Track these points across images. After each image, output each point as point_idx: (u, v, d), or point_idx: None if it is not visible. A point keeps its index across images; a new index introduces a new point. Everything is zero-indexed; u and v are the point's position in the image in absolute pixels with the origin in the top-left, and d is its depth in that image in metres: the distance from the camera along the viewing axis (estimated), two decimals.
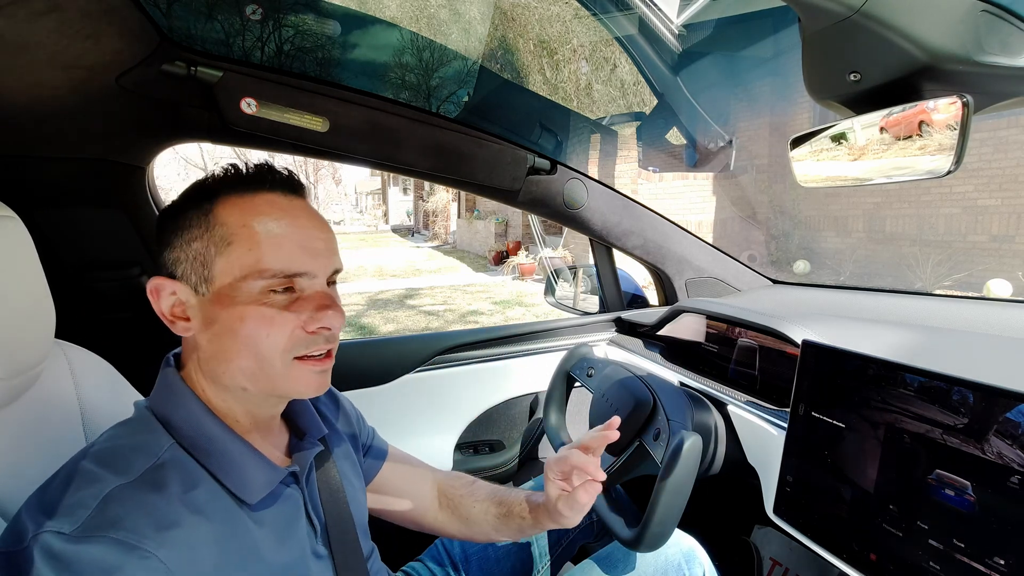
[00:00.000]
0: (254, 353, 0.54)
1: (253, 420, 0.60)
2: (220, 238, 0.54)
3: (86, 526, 0.44)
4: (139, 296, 1.18)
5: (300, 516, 0.60)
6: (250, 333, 0.54)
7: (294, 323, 0.55)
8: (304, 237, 0.56)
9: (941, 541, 0.59)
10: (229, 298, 0.54)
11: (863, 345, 0.76)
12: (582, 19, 2.74)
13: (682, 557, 0.84)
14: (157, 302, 0.56)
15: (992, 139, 5.61)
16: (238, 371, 0.55)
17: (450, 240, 16.07)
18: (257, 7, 1.13)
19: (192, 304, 0.56)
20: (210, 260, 0.54)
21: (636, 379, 0.95)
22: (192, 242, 0.55)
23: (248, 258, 0.54)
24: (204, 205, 0.56)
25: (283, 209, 0.56)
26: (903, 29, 0.59)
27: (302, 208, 0.58)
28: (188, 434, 0.54)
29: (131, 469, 0.49)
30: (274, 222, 0.55)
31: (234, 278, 0.54)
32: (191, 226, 0.56)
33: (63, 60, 0.81)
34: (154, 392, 0.58)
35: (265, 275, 0.54)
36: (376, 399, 1.29)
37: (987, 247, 5.74)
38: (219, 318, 0.54)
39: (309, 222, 0.58)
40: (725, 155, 2.66)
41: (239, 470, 0.55)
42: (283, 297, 0.55)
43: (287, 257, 0.54)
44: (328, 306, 0.56)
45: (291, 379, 0.56)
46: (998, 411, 0.56)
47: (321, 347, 0.57)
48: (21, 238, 0.63)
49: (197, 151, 19.44)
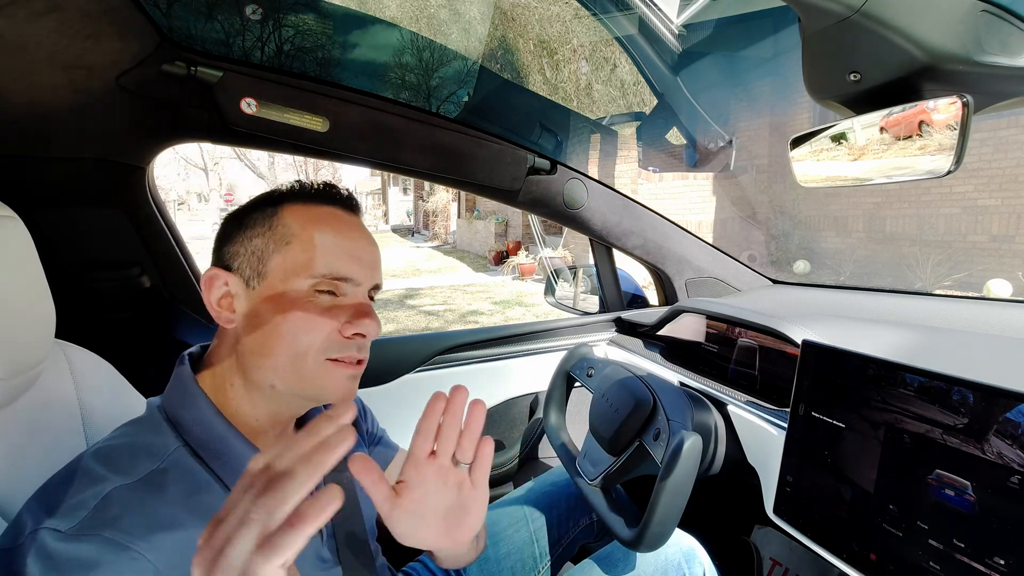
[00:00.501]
0: (290, 349, 0.56)
1: (271, 421, 0.60)
2: (280, 237, 0.58)
3: (82, 525, 0.44)
4: (139, 296, 1.18)
5: None
6: (290, 328, 0.56)
7: (332, 325, 0.57)
8: (354, 247, 0.60)
9: (941, 541, 0.59)
10: (277, 294, 0.57)
11: (863, 345, 0.76)
12: (582, 19, 2.74)
13: (682, 557, 0.84)
14: (208, 292, 0.59)
15: (992, 139, 5.61)
16: (271, 367, 0.57)
17: (450, 240, 16.07)
18: (257, 7, 1.13)
19: (241, 297, 0.58)
20: (267, 256, 0.58)
21: (636, 379, 0.95)
22: (254, 238, 0.59)
23: (302, 257, 0.58)
24: (269, 209, 0.61)
25: (341, 221, 0.61)
26: (903, 29, 0.59)
27: (357, 225, 0.63)
28: (198, 435, 0.55)
29: (134, 470, 0.49)
30: (330, 231, 0.59)
31: (285, 274, 0.57)
32: (255, 225, 0.60)
33: (63, 60, 0.81)
34: (167, 392, 0.58)
35: (314, 274, 0.57)
36: (376, 399, 1.29)
37: (987, 247, 5.74)
38: (263, 312, 0.57)
39: (361, 236, 0.63)
40: (725, 155, 2.66)
41: None
42: (326, 299, 0.58)
43: (336, 261, 0.58)
44: (367, 314, 0.59)
45: (321, 378, 0.58)
46: (998, 411, 0.56)
47: (354, 354, 0.59)
48: (21, 238, 0.63)
49: (197, 151, 19.44)
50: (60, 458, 0.54)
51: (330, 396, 0.59)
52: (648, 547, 0.77)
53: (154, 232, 1.15)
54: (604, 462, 0.92)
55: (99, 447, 0.52)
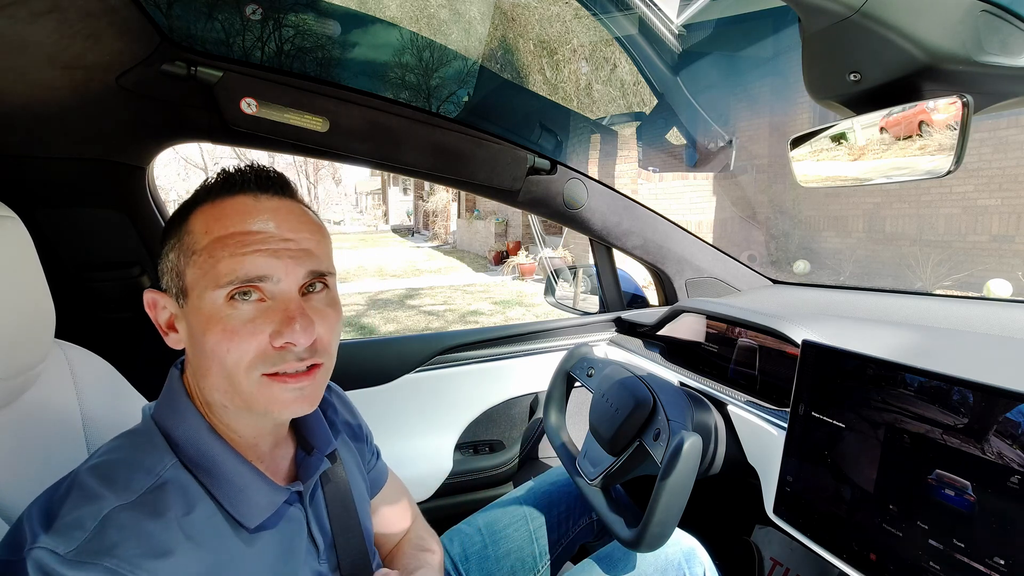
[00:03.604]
0: (220, 369, 0.51)
1: (256, 434, 0.58)
2: (187, 247, 0.53)
3: (80, 550, 0.43)
4: (139, 296, 1.17)
5: (301, 537, 0.59)
6: (213, 348, 0.51)
7: (260, 337, 0.51)
8: (263, 238, 0.52)
9: (941, 541, 0.59)
10: (198, 310, 0.52)
11: (863, 345, 0.76)
12: (582, 19, 2.74)
13: (682, 556, 0.84)
14: (154, 315, 0.56)
15: (992, 139, 5.60)
16: (213, 387, 0.53)
17: (450, 240, 16.07)
18: (257, 7, 1.13)
19: (178, 315, 0.55)
20: (182, 271, 0.53)
21: (636, 379, 0.95)
22: (170, 253, 0.54)
23: (207, 266, 0.51)
24: (181, 218, 0.55)
25: (248, 212, 0.53)
26: (903, 29, 0.59)
27: (272, 208, 0.54)
28: (189, 452, 0.53)
29: (131, 488, 0.48)
30: (232, 227, 0.52)
31: (200, 289, 0.51)
32: (170, 238, 0.55)
33: (63, 60, 0.81)
34: (159, 402, 0.57)
35: (221, 284, 0.50)
36: (376, 399, 1.29)
37: (987, 247, 5.74)
38: (194, 332, 0.52)
39: (276, 221, 0.53)
40: (725, 155, 2.66)
41: (239, 492, 0.53)
42: (249, 308, 0.51)
43: (242, 263, 0.50)
44: (294, 318, 0.51)
45: (263, 398, 0.52)
46: (998, 411, 0.56)
47: (293, 364, 0.52)
48: (21, 238, 0.63)
49: (197, 151, 19.45)
50: (59, 458, 0.54)
51: (279, 413, 0.54)
52: (648, 547, 0.77)
53: (154, 232, 1.15)
54: (604, 462, 0.92)
55: (96, 462, 0.50)
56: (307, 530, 0.60)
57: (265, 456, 0.59)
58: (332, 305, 0.57)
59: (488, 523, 0.99)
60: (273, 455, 0.61)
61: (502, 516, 0.99)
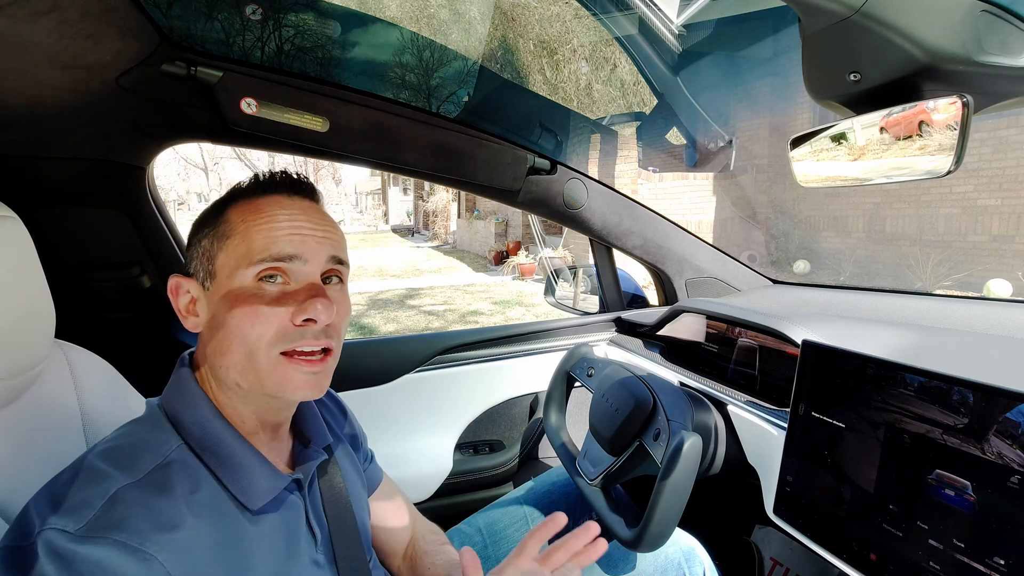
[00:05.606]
0: (242, 346, 0.55)
1: (260, 423, 0.60)
2: (222, 234, 0.58)
3: (90, 526, 0.44)
4: (139, 296, 1.18)
5: (300, 524, 0.60)
6: (238, 323, 0.55)
7: (282, 315, 0.55)
8: (295, 225, 0.58)
9: (941, 541, 0.59)
10: (225, 290, 0.56)
11: (863, 345, 0.76)
12: (582, 19, 2.74)
13: (682, 556, 0.84)
14: (175, 299, 0.60)
15: (992, 139, 5.60)
16: (231, 365, 0.56)
17: (450, 240, 16.07)
18: (257, 7, 1.13)
19: (201, 300, 0.59)
20: (213, 255, 0.58)
21: (636, 379, 0.95)
22: (202, 240, 0.59)
23: (241, 248, 0.56)
24: (216, 211, 0.61)
25: (281, 205, 0.59)
26: (903, 29, 0.59)
27: (302, 206, 0.60)
28: (197, 435, 0.55)
29: (137, 467, 0.49)
30: (268, 215, 0.57)
31: (230, 269, 0.56)
32: (204, 228, 0.60)
33: (63, 60, 0.81)
34: (166, 391, 0.59)
35: (254, 261, 0.55)
36: (376, 399, 1.29)
37: (987, 247, 5.74)
38: (218, 312, 0.56)
39: (304, 213, 0.59)
40: (725, 155, 2.66)
41: (244, 474, 0.55)
42: (274, 288, 0.56)
43: (275, 242, 0.56)
44: (317, 296, 0.56)
45: (277, 376, 0.55)
46: (998, 411, 0.56)
47: (310, 342, 0.56)
48: (21, 238, 0.63)
49: (197, 151, 19.44)
50: (60, 458, 0.54)
51: (291, 393, 0.57)
52: (648, 547, 0.77)
53: (154, 232, 1.16)
54: (604, 462, 0.92)
55: (102, 448, 0.52)
56: (305, 518, 0.61)
57: (264, 446, 0.61)
58: (344, 297, 0.63)
59: (488, 523, 0.99)
60: (272, 446, 0.62)
61: (502, 516, 0.99)
